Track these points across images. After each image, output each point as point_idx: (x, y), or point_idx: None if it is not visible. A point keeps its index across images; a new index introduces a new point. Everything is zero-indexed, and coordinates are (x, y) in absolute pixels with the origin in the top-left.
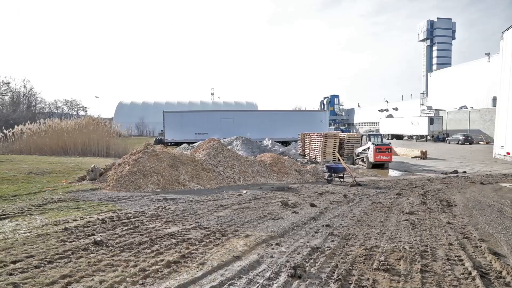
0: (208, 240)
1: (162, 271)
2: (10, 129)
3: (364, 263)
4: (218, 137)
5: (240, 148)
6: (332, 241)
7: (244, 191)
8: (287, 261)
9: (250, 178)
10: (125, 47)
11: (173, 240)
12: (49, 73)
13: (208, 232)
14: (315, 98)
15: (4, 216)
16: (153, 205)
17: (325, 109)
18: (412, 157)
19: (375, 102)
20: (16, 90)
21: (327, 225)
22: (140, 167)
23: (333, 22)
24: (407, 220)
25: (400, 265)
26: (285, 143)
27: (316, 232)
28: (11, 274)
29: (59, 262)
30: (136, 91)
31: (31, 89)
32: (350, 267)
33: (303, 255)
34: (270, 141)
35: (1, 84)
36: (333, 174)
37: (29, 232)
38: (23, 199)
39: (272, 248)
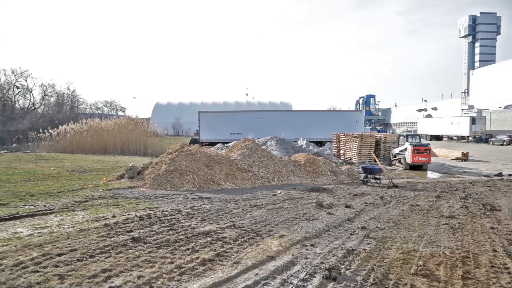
0: (242, 240)
1: (197, 269)
2: (55, 128)
3: (401, 267)
4: (252, 137)
5: (275, 148)
6: (368, 243)
7: (279, 191)
8: (322, 263)
9: (285, 178)
10: (162, 49)
11: (208, 239)
12: (91, 76)
13: (243, 232)
14: (350, 98)
15: (50, 211)
16: (188, 204)
17: (360, 109)
18: (452, 159)
19: (413, 102)
20: (61, 92)
21: (363, 227)
22: (176, 166)
23: (368, 20)
24: (447, 224)
25: (440, 270)
26: (319, 143)
27: (351, 234)
28: (56, 266)
29: (100, 257)
30: (172, 92)
31: (74, 91)
32: (387, 271)
33: (338, 257)
34: (304, 141)
35: (47, 87)
36: (369, 175)
37: (72, 227)
38: (67, 195)
39: (307, 249)
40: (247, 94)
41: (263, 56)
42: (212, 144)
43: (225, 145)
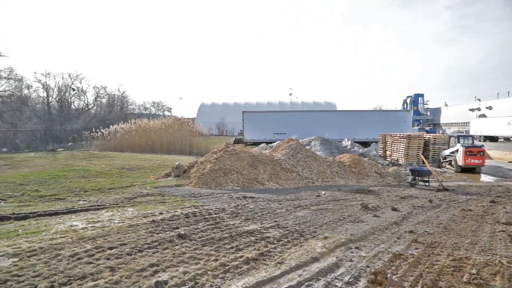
0: (286, 240)
1: (241, 267)
2: (106, 128)
3: (452, 275)
4: (296, 137)
5: (319, 148)
6: (416, 248)
7: (323, 192)
8: (367, 266)
9: (329, 179)
10: (208, 50)
11: (252, 238)
12: (139, 78)
13: (287, 232)
14: (397, 97)
15: (102, 207)
16: (233, 203)
17: (408, 108)
18: (509, 161)
19: (465, 101)
20: (112, 94)
21: (411, 231)
22: (221, 166)
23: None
24: (503, 231)
25: (496, 280)
26: (365, 144)
27: (398, 238)
28: (108, 259)
29: (148, 252)
30: (216, 93)
31: (123, 92)
32: (437, 278)
33: (384, 261)
34: (349, 142)
35: (100, 88)
36: (417, 178)
37: (122, 222)
38: (117, 192)
39: (352, 252)
40: (290, 94)
41: (307, 55)
42: (256, 144)
43: (269, 145)
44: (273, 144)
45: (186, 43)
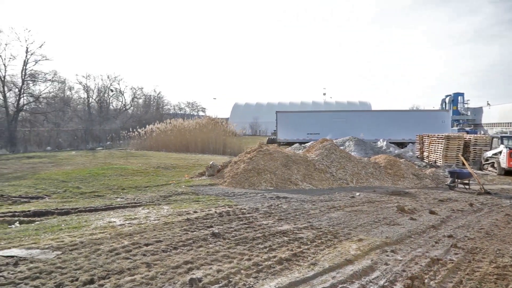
0: (319, 241)
1: (274, 267)
2: (143, 128)
3: (495, 283)
4: (330, 137)
5: (353, 149)
6: (456, 253)
7: (357, 194)
8: (403, 270)
9: (363, 180)
10: (241, 50)
11: (285, 238)
12: (174, 78)
13: (320, 233)
14: (435, 96)
15: (138, 204)
16: (266, 203)
17: (447, 108)
18: None
19: (509, 100)
20: (148, 94)
21: (450, 236)
22: (254, 165)
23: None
24: None
25: None
26: (401, 144)
27: (436, 242)
28: (144, 255)
29: (182, 249)
30: (250, 93)
31: (159, 92)
32: (478, 286)
33: (421, 265)
34: (384, 142)
35: (137, 89)
36: (456, 180)
37: (158, 219)
38: (153, 190)
39: (387, 255)
40: (324, 94)
41: (341, 54)
42: (289, 144)
43: (302, 145)
44: (306, 144)
45: (221, 44)
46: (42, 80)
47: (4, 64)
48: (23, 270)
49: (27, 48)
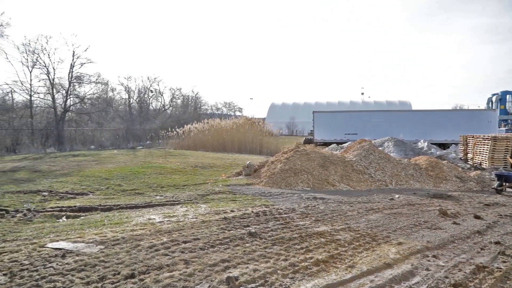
0: (357, 243)
1: (311, 268)
2: (181, 128)
3: None
4: (368, 138)
5: (392, 150)
6: (504, 261)
7: (397, 196)
8: (446, 277)
9: (403, 182)
10: (278, 50)
11: (322, 239)
12: (212, 79)
13: (358, 235)
14: (480, 95)
15: (177, 202)
16: (303, 203)
17: (494, 107)
18: None
19: None
20: (186, 95)
21: (497, 242)
22: (291, 166)
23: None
24: None
25: None
26: (443, 145)
27: (482, 249)
28: (182, 252)
29: (219, 247)
30: (287, 92)
31: (197, 93)
32: None
33: (465, 272)
34: (425, 143)
35: (175, 90)
36: (504, 183)
37: (196, 218)
38: (191, 188)
39: (428, 260)
40: (362, 94)
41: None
42: (326, 144)
43: (340, 145)
44: (344, 144)
45: (258, 44)
46: (87, 82)
47: (53, 68)
48: (70, 262)
49: (73, 52)
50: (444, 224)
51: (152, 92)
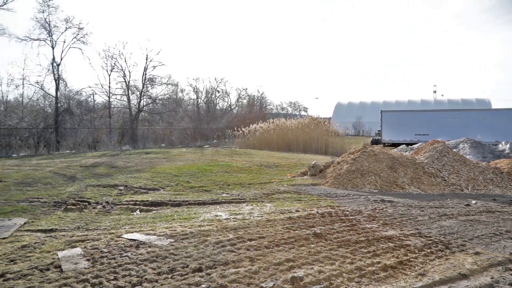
0: (429, 250)
1: (378, 274)
2: (247, 127)
3: None
4: (441, 139)
5: (468, 152)
6: None
7: (473, 201)
8: None
9: (481, 187)
10: (344, 50)
11: (391, 244)
12: (277, 79)
13: (429, 242)
14: None
15: (242, 200)
16: (370, 205)
17: None
18: None
19: None
20: (252, 95)
21: None
22: (358, 167)
23: None
24: None
25: None
26: None
27: None
28: (247, 249)
29: (284, 247)
30: (353, 91)
31: (262, 93)
32: None
33: None
34: (507, 146)
35: (241, 90)
36: None
37: (261, 216)
38: (256, 187)
39: (511, 274)
40: (435, 92)
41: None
42: (395, 145)
43: (410, 146)
44: (414, 146)
45: (323, 44)
46: (158, 84)
47: (129, 71)
48: (143, 253)
49: (147, 55)
50: None
51: (219, 93)
